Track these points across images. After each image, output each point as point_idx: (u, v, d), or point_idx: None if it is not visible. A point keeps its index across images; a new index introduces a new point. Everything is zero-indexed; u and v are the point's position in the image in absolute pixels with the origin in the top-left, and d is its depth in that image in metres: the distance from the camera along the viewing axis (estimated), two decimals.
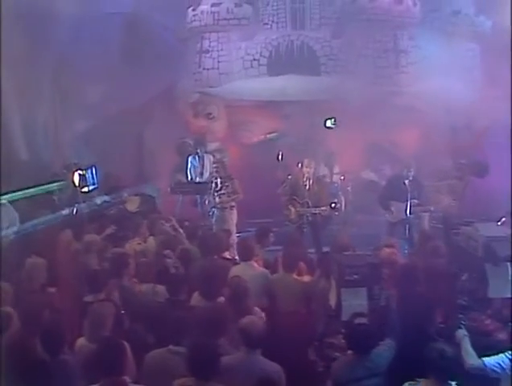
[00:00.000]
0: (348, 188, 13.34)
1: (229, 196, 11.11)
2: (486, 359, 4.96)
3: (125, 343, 5.12)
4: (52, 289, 6.67)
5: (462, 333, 5.26)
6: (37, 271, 6.81)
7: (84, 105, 13.61)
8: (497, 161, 12.09)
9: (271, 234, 8.45)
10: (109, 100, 13.74)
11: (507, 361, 4.92)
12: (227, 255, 8.08)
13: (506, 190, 10.84)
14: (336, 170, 13.58)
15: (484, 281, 6.09)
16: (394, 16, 12.90)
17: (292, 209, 10.62)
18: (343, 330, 5.77)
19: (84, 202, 11.23)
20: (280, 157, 13.39)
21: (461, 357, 5.01)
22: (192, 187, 12.65)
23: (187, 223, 9.96)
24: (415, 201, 10.36)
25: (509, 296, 5.92)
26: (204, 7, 13.38)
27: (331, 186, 12.69)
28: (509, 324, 5.68)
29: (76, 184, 11.71)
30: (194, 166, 12.72)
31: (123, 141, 13.61)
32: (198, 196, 12.51)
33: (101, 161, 12.66)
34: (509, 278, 6.03)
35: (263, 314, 6.12)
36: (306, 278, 7.15)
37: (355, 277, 6.03)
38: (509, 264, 6.08)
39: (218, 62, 13.48)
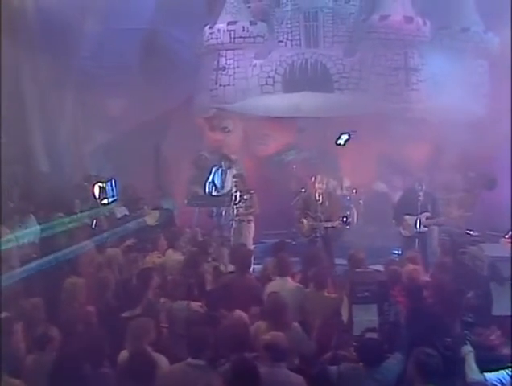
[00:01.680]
0: (360, 201, 13.61)
1: (246, 210, 11.42)
2: (488, 375, 5.20)
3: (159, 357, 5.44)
4: (91, 307, 6.86)
5: (467, 349, 5.50)
6: (76, 290, 7.04)
7: (104, 118, 13.95)
8: (506, 174, 12.35)
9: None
10: (128, 113, 14.10)
11: (507, 377, 5.15)
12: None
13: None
14: (348, 183, 13.82)
15: (488, 299, 6.35)
16: (404, 34, 13.03)
17: (305, 223, 10.89)
18: (354, 344, 5.98)
19: (104, 215, 11.62)
20: (294, 169, 13.68)
21: (464, 371, 5.34)
22: (209, 200, 12.97)
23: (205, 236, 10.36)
24: (428, 214, 10.65)
25: None
26: (221, 26, 13.57)
27: (343, 200, 12.90)
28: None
29: (97, 196, 12.11)
30: (216, 178, 13.08)
31: (141, 153, 13.86)
32: (214, 208, 12.90)
33: (120, 173, 13.03)
34: None
35: (301, 330, 6.34)
36: (333, 294, 7.33)
37: (366, 294, 6.34)
38: None
39: (234, 79, 13.65)
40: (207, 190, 13.24)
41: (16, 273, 8.77)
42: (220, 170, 13.26)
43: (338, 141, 13.04)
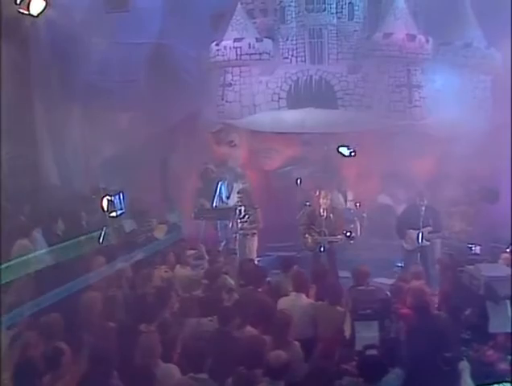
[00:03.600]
0: (364, 214, 13.75)
1: (250, 224, 11.67)
2: None
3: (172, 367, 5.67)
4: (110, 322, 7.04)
5: (464, 365, 5.76)
6: (93, 304, 7.24)
7: (112, 132, 14.11)
8: (508, 187, 12.49)
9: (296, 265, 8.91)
10: (135, 127, 14.31)
11: None
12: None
13: None
14: (352, 196, 14.00)
15: (485, 318, 6.55)
16: (407, 52, 13.20)
17: (309, 237, 11.10)
18: (356, 358, 6.22)
19: (114, 228, 11.82)
20: (299, 182, 13.89)
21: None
22: (215, 213, 13.17)
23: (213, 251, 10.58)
24: (430, 228, 10.84)
25: (509, 331, 6.35)
26: (227, 42, 13.76)
27: (346, 213, 13.03)
28: (509, 357, 6.17)
29: (105, 209, 12.31)
30: (222, 191, 13.30)
31: (149, 166, 14.07)
32: (219, 221, 13.11)
33: (128, 186, 13.22)
34: (509, 315, 6.47)
35: (300, 349, 6.51)
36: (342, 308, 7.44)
37: (368, 311, 6.56)
38: (508, 302, 6.53)
39: (240, 95, 13.86)
40: (214, 203, 13.44)
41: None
42: (226, 183, 13.47)
43: (341, 151, 13.27)
